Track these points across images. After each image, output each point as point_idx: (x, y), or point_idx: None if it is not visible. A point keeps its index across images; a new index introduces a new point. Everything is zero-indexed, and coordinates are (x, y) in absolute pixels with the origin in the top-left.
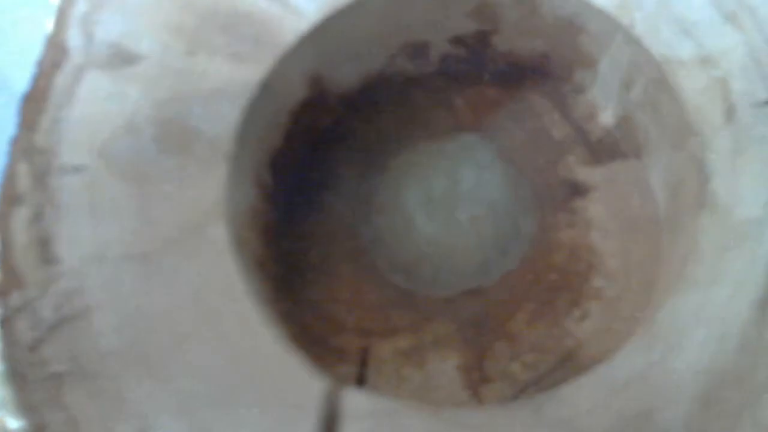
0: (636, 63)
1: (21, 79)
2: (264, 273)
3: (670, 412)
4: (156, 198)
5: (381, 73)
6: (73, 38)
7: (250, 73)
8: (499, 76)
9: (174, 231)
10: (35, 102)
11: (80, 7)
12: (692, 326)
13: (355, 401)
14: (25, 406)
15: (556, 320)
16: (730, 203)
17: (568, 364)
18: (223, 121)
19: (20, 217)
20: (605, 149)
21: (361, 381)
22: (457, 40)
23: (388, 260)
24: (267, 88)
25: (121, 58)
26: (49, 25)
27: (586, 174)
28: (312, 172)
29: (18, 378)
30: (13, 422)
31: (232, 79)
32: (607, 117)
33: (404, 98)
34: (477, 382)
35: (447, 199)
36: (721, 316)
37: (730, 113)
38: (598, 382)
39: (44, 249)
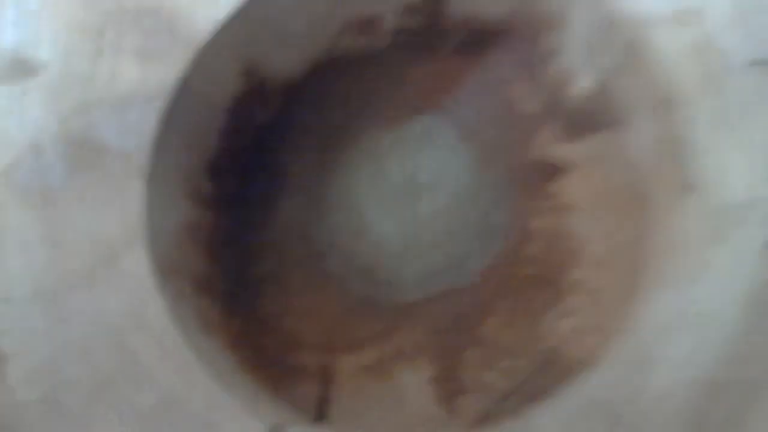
0: (605, 23)
1: None
2: (209, 294)
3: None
4: (65, 225)
5: (328, 54)
6: None
7: (164, 73)
8: (460, 46)
9: (86, 263)
10: None
11: None
12: (674, 332)
13: None
14: None
15: (534, 319)
16: (714, 186)
17: (549, 369)
18: (136, 131)
19: None
20: (582, 121)
21: (323, 402)
22: (410, 10)
23: (345, 265)
24: (186, 88)
25: (20, 69)
26: None
27: (561, 151)
28: (257, 172)
29: None
30: None
31: (144, 81)
32: (583, 83)
33: (356, 80)
34: (451, 394)
35: (406, 191)
36: (705, 320)
37: (713, 78)
38: (569, 405)
39: None
